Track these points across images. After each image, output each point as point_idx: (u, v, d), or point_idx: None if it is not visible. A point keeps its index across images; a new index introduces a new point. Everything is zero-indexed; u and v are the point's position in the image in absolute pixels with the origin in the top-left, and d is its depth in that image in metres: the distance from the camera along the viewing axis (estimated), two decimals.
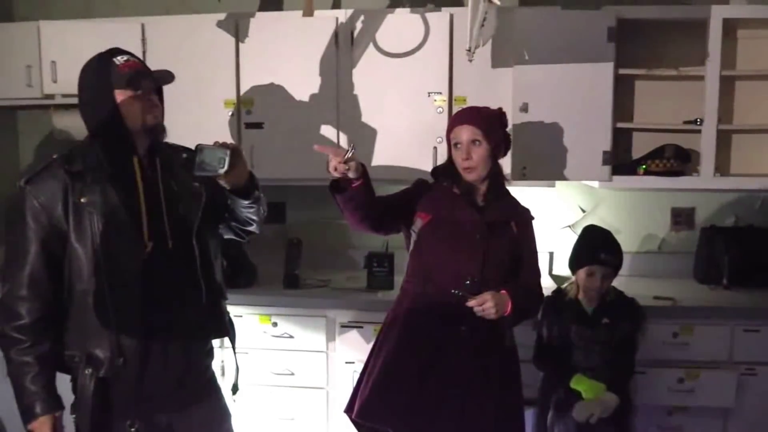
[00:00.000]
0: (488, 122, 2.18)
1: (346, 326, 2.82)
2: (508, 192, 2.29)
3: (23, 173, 1.77)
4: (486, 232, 2.14)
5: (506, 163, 2.82)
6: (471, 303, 2.03)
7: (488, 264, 2.12)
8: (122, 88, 1.74)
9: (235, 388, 2.03)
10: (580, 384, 2.36)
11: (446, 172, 2.24)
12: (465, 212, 2.16)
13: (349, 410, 2.22)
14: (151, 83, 1.79)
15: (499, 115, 2.24)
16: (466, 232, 2.14)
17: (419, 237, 2.19)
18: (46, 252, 1.72)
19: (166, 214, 1.79)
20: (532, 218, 2.28)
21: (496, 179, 2.22)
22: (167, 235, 1.78)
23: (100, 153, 1.75)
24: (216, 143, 1.75)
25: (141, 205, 1.76)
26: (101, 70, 1.76)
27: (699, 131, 2.86)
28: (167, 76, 1.83)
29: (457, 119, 2.23)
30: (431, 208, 2.19)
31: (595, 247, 2.45)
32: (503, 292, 2.07)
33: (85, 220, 1.71)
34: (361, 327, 2.79)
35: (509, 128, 2.28)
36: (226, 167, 1.72)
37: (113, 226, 1.72)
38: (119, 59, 1.76)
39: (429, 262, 2.16)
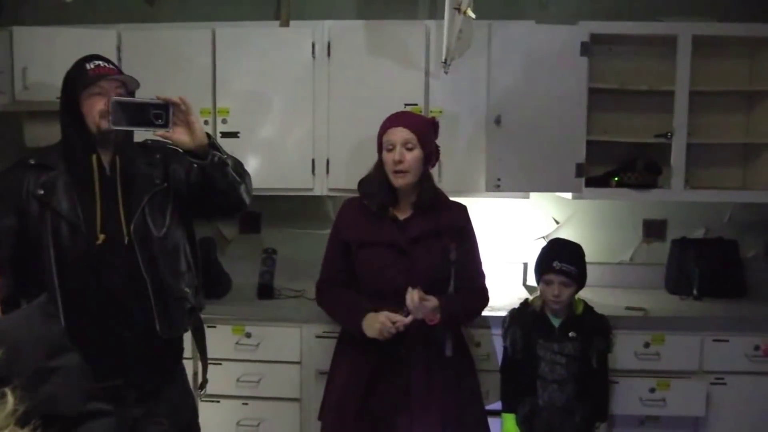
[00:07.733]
0: (423, 129, 2.22)
1: (320, 336, 2.80)
2: (441, 197, 2.30)
3: None
4: (409, 247, 2.17)
5: (480, 175, 2.85)
6: (408, 320, 2.07)
7: (415, 277, 2.13)
8: (86, 89, 1.83)
9: (202, 385, 2.20)
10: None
11: (371, 180, 2.25)
12: (386, 230, 2.20)
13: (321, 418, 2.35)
14: (113, 85, 1.86)
15: (433, 124, 2.29)
16: (390, 249, 2.18)
17: (354, 263, 2.25)
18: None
19: (123, 208, 1.86)
20: (468, 221, 2.31)
21: (426, 188, 2.24)
22: (122, 230, 1.84)
23: (62, 151, 1.88)
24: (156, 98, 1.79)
25: (96, 200, 1.84)
26: (72, 73, 1.87)
27: (669, 145, 2.91)
28: (132, 82, 1.91)
29: (391, 121, 2.25)
30: (356, 234, 2.24)
31: (550, 256, 2.48)
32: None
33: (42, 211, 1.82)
34: (336, 337, 2.77)
35: (484, 140, 2.30)
36: (169, 125, 1.76)
37: (65, 219, 1.82)
38: (91, 64, 1.86)
39: (364, 285, 2.22)
